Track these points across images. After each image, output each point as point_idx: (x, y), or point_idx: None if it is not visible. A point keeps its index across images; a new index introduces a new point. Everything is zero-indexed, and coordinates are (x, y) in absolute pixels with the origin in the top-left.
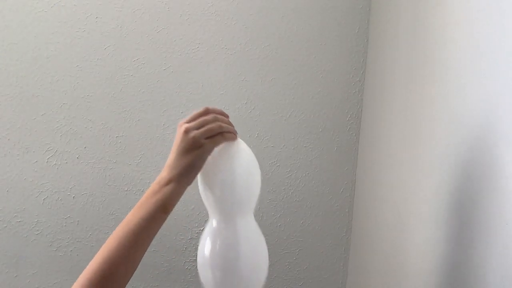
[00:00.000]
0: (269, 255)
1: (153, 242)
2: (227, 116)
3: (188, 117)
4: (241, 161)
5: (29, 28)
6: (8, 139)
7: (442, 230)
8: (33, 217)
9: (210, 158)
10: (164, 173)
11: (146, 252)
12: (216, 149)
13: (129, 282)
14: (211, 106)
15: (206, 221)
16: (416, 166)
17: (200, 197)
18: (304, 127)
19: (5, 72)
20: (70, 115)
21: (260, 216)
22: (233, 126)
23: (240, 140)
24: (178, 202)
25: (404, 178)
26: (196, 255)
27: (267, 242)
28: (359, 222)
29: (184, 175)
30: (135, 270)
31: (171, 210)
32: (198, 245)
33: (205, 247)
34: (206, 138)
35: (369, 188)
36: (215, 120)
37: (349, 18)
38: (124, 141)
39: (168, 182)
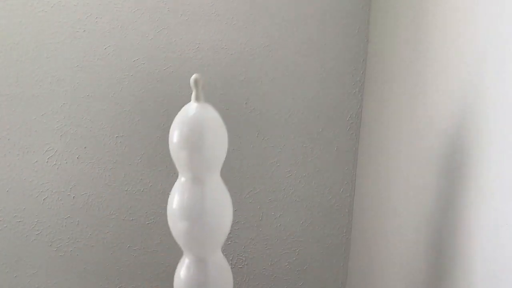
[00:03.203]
0: (269, 254)
1: (153, 242)
2: None
3: None
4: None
5: (29, 28)
6: (8, 139)
7: (442, 230)
8: (33, 217)
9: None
10: None
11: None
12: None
13: (129, 282)
14: None
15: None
16: (416, 166)
17: None
18: (304, 127)
19: (5, 72)
20: (70, 115)
21: (260, 216)
22: None
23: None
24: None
25: (404, 178)
26: None
27: (267, 242)
28: (359, 222)
29: None
30: None
31: None
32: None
33: (174, 200)
34: None
35: (369, 188)
36: None
37: (349, 18)
38: (124, 141)
39: None
